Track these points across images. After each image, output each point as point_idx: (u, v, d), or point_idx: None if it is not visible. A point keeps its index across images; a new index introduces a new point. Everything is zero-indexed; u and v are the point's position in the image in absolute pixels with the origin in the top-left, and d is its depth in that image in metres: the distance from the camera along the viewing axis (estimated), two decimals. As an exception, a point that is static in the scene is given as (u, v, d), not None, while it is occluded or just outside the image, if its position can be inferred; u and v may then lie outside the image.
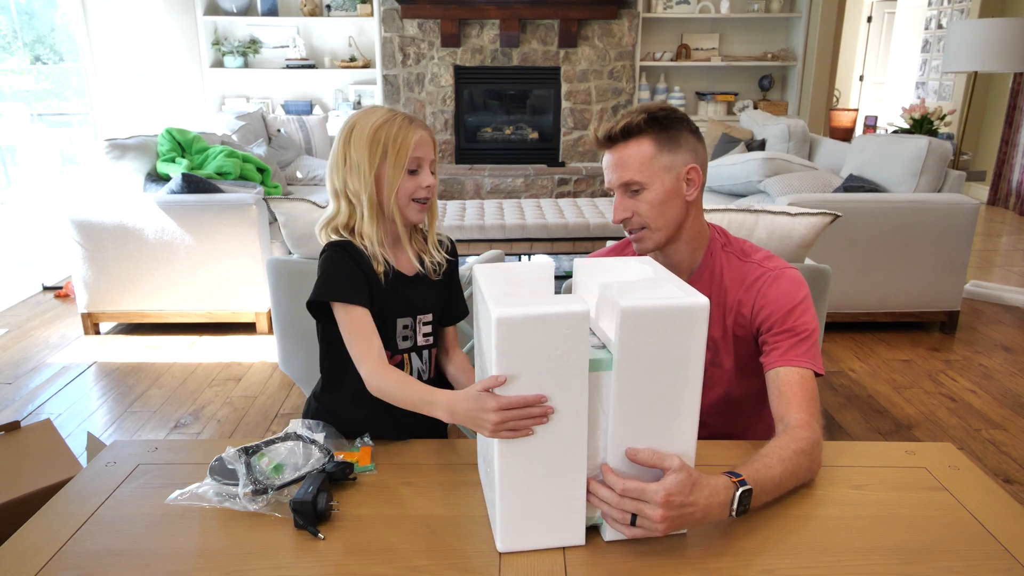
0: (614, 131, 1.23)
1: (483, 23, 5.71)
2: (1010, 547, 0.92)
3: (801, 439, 1.05)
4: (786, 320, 1.21)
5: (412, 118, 1.22)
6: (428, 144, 1.22)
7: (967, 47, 4.17)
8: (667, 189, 1.24)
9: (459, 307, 1.36)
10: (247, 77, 6.04)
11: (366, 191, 1.19)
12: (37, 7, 4.43)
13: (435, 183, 1.24)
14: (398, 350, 1.27)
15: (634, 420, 0.90)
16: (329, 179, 1.24)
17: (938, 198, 3.13)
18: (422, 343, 1.30)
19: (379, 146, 1.18)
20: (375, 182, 1.20)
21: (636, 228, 1.27)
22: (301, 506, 0.96)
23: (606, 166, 1.27)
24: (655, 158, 1.23)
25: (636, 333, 0.86)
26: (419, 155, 1.20)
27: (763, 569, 0.88)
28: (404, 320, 1.26)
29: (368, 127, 1.19)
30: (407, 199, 1.21)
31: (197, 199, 3.13)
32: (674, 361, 0.88)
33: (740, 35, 6.15)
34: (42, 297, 3.90)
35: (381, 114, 1.20)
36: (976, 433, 2.47)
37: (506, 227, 3.78)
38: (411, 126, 1.20)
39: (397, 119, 1.20)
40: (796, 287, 1.25)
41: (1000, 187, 6.12)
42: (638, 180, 1.23)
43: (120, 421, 2.57)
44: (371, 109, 1.22)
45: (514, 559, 0.91)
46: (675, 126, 1.24)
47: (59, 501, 1.03)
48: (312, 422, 1.19)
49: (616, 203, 1.27)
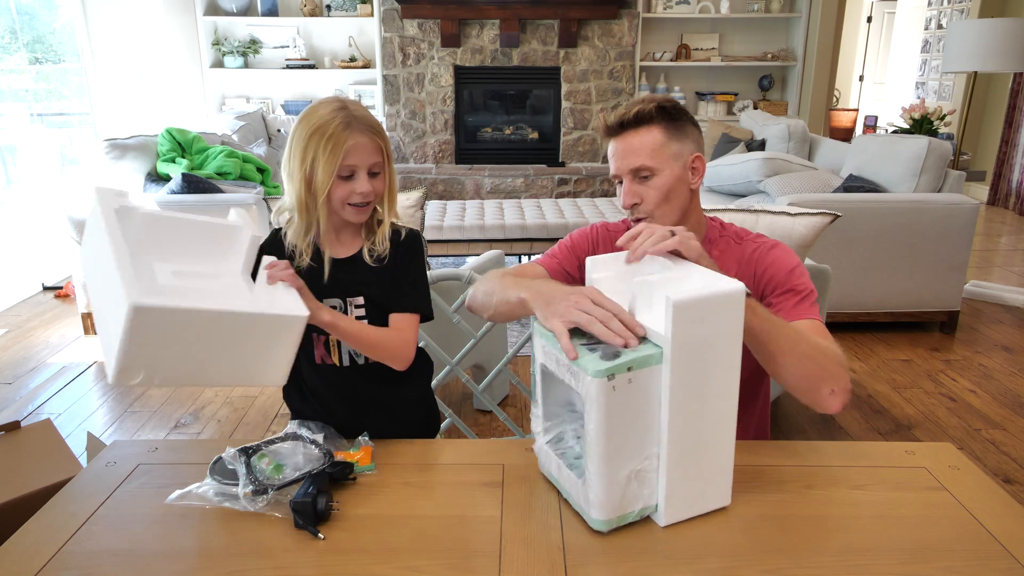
0: (627, 118, 1.26)
1: (483, 23, 5.71)
2: (1010, 547, 0.92)
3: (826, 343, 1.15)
4: (788, 280, 1.26)
5: (351, 120, 1.19)
6: (365, 149, 1.20)
7: (967, 47, 4.17)
8: (675, 176, 1.27)
9: (405, 300, 1.29)
10: (247, 77, 6.04)
11: (295, 189, 1.21)
12: (37, 7, 4.43)
13: (372, 188, 1.22)
14: (325, 332, 1.26)
15: (686, 408, 0.92)
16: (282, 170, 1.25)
17: (938, 198, 3.13)
18: None
19: (311, 150, 1.17)
20: (304, 183, 1.19)
21: (643, 215, 1.29)
22: (301, 506, 0.96)
23: (614, 153, 1.29)
24: (665, 145, 1.26)
25: (688, 324, 0.88)
26: (352, 162, 1.19)
27: (763, 569, 0.88)
28: (332, 301, 1.28)
29: (307, 127, 1.18)
30: (341, 203, 1.22)
31: (197, 199, 3.13)
32: (718, 346, 0.91)
33: (740, 35, 6.15)
34: (42, 297, 3.90)
35: (323, 114, 1.18)
36: (976, 433, 2.47)
37: (506, 227, 3.78)
38: (347, 131, 1.17)
39: (335, 121, 1.17)
40: (790, 254, 1.31)
41: (1000, 187, 6.12)
42: (649, 166, 1.26)
43: (120, 421, 2.57)
44: (320, 103, 1.20)
45: (514, 559, 0.91)
46: (681, 116, 1.29)
47: (59, 501, 1.03)
48: (312, 422, 1.19)
49: (625, 188, 1.29)
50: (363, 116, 1.21)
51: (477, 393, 1.71)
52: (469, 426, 2.26)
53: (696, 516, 0.98)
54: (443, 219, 3.92)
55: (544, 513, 0.99)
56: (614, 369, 0.87)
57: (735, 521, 0.97)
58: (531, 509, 1.00)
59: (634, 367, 0.88)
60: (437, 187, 5.84)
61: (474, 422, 2.51)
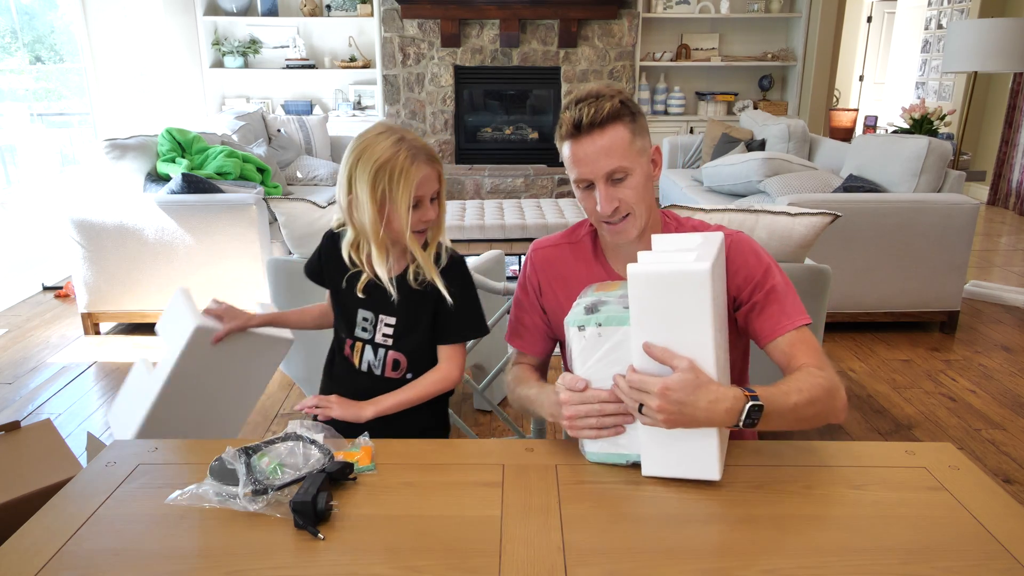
0: (598, 117, 1.15)
1: (483, 23, 5.71)
2: (1010, 547, 0.92)
3: (817, 375, 1.10)
4: (766, 279, 1.21)
5: (416, 151, 1.24)
6: (431, 179, 1.26)
7: (967, 47, 4.17)
8: (645, 173, 1.22)
9: (451, 332, 1.36)
10: (247, 77, 6.04)
11: (369, 222, 1.25)
12: (37, 7, 4.43)
13: (435, 215, 1.29)
14: (353, 336, 1.39)
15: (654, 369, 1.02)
16: (337, 197, 1.30)
17: (938, 198, 3.13)
18: (380, 341, 1.38)
19: (380, 183, 1.22)
20: (376, 215, 1.24)
21: (621, 217, 1.22)
22: (301, 506, 0.96)
23: (582, 157, 1.18)
24: (632, 143, 1.19)
25: (646, 292, 0.99)
26: (421, 193, 1.25)
27: (763, 569, 0.88)
28: (365, 312, 1.37)
29: (372, 162, 1.22)
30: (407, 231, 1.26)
31: (197, 199, 3.13)
32: (684, 318, 0.99)
33: (740, 35, 6.15)
34: (42, 297, 3.90)
35: (386, 147, 1.22)
36: (976, 433, 2.47)
37: (506, 227, 3.78)
38: (414, 164, 1.23)
39: (401, 154, 1.22)
40: (755, 247, 1.26)
41: (1000, 187, 6.12)
42: (625, 166, 1.18)
43: (120, 421, 2.57)
44: (377, 136, 1.24)
45: (514, 559, 0.91)
46: (637, 108, 1.22)
47: (59, 501, 1.03)
48: (312, 422, 1.20)
49: (603, 194, 1.19)
50: (423, 147, 1.26)
51: (477, 393, 1.71)
52: (469, 426, 2.26)
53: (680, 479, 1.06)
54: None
55: (544, 513, 1.00)
56: (584, 322, 1.06)
57: (735, 521, 0.97)
58: (531, 509, 1.00)
59: (603, 324, 1.05)
60: (437, 187, 5.84)
61: (474, 422, 2.51)
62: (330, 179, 4.70)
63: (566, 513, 0.99)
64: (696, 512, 1.00)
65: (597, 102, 1.16)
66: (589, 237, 1.36)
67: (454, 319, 1.34)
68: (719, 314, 1.06)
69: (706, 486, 1.05)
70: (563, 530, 0.96)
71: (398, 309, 1.35)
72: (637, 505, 1.02)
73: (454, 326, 1.36)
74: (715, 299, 1.01)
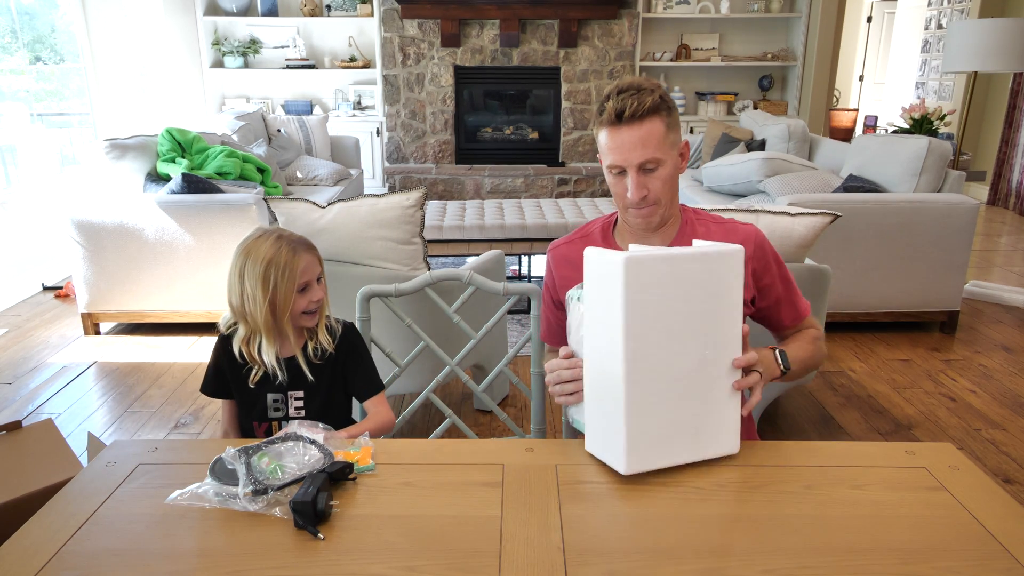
0: (640, 110, 1.23)
1: (483, 23, 5.71)
2: (1010, 547, 0.92)
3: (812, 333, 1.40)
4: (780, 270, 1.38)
5: (295, 244, 1.40)
6: (314, 264, 1.43)
7: (967, 47, 4.17)
8: (674, 165, 1.31)
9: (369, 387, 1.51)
10: (247, 77, 6.04)
11: (261, 316, 1.38)
12: (37, 7, 4.43)
13: (323, 294, 1.45)
14: (267, 418, 1.48)
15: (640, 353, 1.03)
16: (228, 295, 1.41)
17: (938, 198, 3.13)
18: (293, 414, 1.48)
19: (270, 280, 1.37)
20: (268, 308, 1.38)
21: (649, 204, 1.31)
22: (301, 506, 0.96)
23: (618, 145, 1.26)
24: (667, 136, 1.27)
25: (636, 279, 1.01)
26: (306, 279, 1.41)
27: (763, 569, 0.88)
28: (274, 395, 1.47)
29: (259, 262, 1.37)
30: (299, 314, 1.42)
31: (197, 199, 3.14)
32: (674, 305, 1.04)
33: (740, 35, 6.15)
34: (42, 297, 3.90)
35: (268, 247, 1.38)
36: (976, 433, 2.47)
37: (506, 227, 3.78)
38: (296, 255, 1.39)
39: (283, 250, 1.38)
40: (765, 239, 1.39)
41: (1000, 187, 6.12)
42: (657, 157, 1.26)
43: (120, 421, 2.57)
44: (258, 240, 1.40)
45: (514, 559, 0.91)
46: (673, 104, 1.30)
47: (59, 501, 1.03)
48: (311, 422, 1.20)
49: (634, 182, 1.28)
50: (299, 239, 1.43)
51: (477, 393, 1.71)
52: (469, 426, 2.26)
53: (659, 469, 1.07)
54: (443, 219, 3.92)
55: (544, 513, 1.00)
56: (574, 295, 1.21)
57: (735, 520, 0.97)
58: (531, 509, 1.00)
59: (581, 299, 1.18)
60: (437, 187, 5.84)
61: (474, 422, 2.51)
62: (330, 179, 4.70)
63: (566, 513, 1.00)
64: (696, 512, 1.00)
65: (639, 95, 1.24)
66: (599, 232, 1.44)
67: (366, 376, 1.52)
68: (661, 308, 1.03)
69: (706, 486, 1.05)
70: (563, 530, 0.96)
71: (304, 382, 1.47)
72: (637, 505, 1.02)
73: (370, 382, 1.52)
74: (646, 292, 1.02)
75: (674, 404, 1.06)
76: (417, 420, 2.54)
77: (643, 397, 1.04)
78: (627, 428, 1.03)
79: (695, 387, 1.07)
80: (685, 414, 1.07)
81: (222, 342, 1.49)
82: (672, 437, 1.06)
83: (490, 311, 2.37)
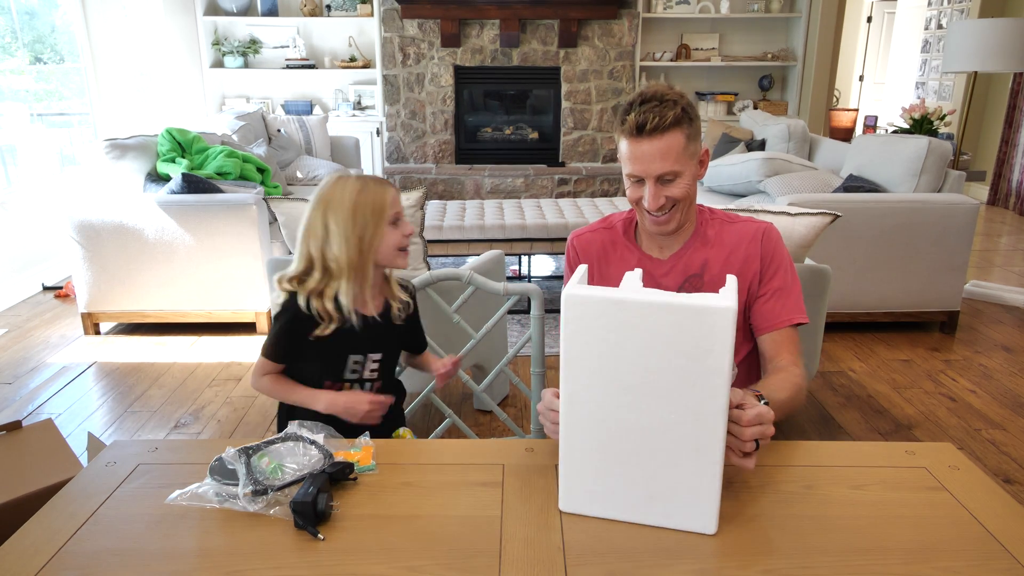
0: (662, 124, 1.24)
1: (483, 23, 5.71)
2: (1010, 547, 0.92)
3: (796, 375, 1.27)
4: (788, 273, 1.37)
5: (377, 179, 1.37)
6: (399, 198, 1.39)
7: (967, 47, 4.17)
8: (693, 174, 1.33)
9: (421, 338, 1.57)
10: (247, 77, 6.04)
11: (346, 257, 1.33)
12: (37, 7, 4.43)
13: (413, 229, 1.41)
14: (342, 379, 1.44)
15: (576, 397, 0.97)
16: (303, 245, 1.36)
17: (938, 198, 3.13)
18: (367, 377, 1.46)
19: (361, 213, 1.32)
20: (357, 244, 1.33)
21: (666, 212, 1.33)
22: (301, 506, 0.96)
23: (638, 157, 1.27)
24: (687, 148, 1.28)
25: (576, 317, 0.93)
26: (397, 209, 1.37)
27: (763, 569, 0.88)
28: (356, 356, 1.43)
29: (346, 199, 1.32)
30: (394, 250, 1.38)
31: (197, 199, 3.14)
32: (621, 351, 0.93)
33: (740, 35, 6.15)
34: (42, 297, 3.90)
35: (353, 184, 1.34)
36: (976, 433, 2.47)
37: (506, 227, 3.78)
38: (383, 187, 1.36)
39: (369, 185, 1.34)
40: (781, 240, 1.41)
41: (1000, 187, 6.12)
42: (676, 170, 1.28)
43: (120, 421, 2.57)
44: (340, 180, 1.35)
45: (514, 559, 0.91)
46: (696, 114, 1.31)
47: (59, 501, 1.03)
48: (311, 423, 1.19)
49: (652, 192, 1.29)
50: (377, 176, 1.40)
51: (477, 393, 1.71)
52: (469, 426, 2.26)
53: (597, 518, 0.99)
54: (443, 219, 3.92)
55: (544, 513, 0.99)
56: None
57: (734, 520, 0.97)
58: (531, 509, 1.00)
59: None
60: (437, 187, 5.84)
61: (474, 422, 2.51)
62: (330, 179, 4.69)
63: (566, 513, 0.99)
64: (696, 512, 1.00)
65: (661, 108, 1.24)
66: (621, 225, 1.47)
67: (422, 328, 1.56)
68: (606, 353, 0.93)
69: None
70: (563, 530, 0.96)
71: (383, 344, 1.44)
72: (637, 505, 1.01)
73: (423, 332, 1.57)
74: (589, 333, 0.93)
75: (620, 459, 0.96)
76: (417, 420, 2.54)
77: (579, 441, 0.97)
78: (563, 466, 0.99)
79: (650, 448, 0.94)
80: (635, 473, 0.96)
81: (291, 302, 1.37)
82: (615, 491, 0.97)
83: (490, 311, 2.37)
